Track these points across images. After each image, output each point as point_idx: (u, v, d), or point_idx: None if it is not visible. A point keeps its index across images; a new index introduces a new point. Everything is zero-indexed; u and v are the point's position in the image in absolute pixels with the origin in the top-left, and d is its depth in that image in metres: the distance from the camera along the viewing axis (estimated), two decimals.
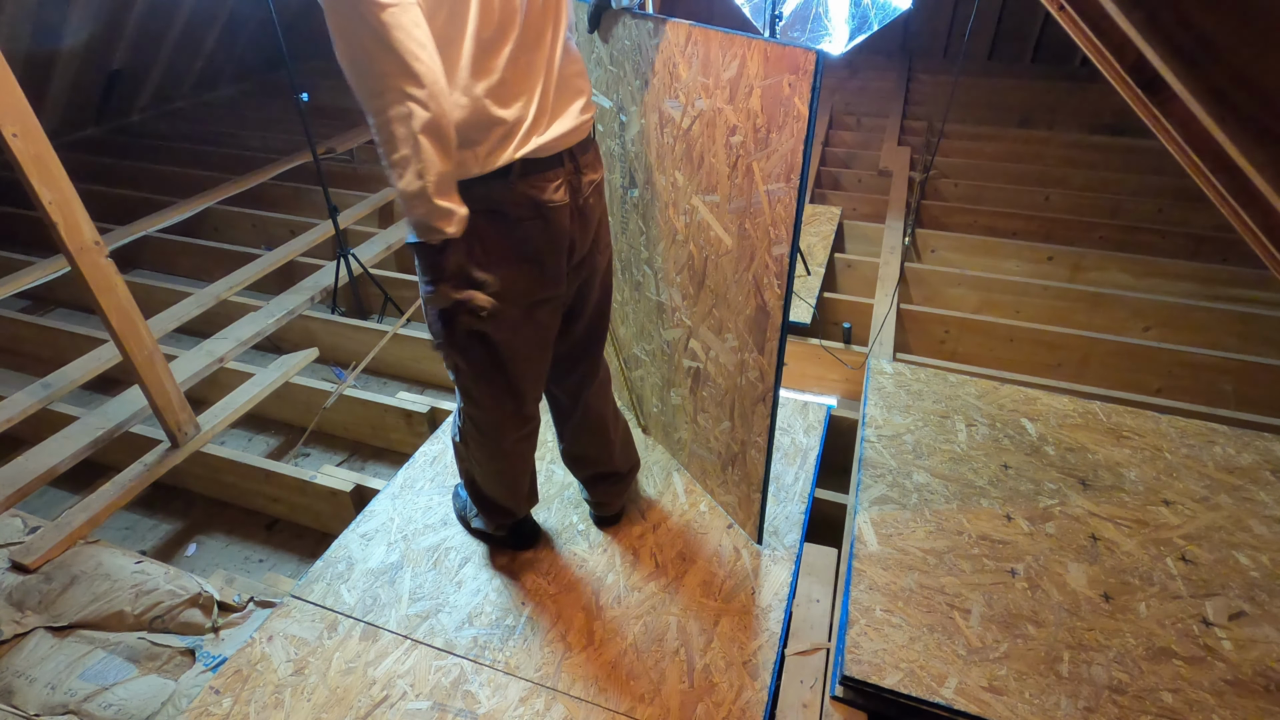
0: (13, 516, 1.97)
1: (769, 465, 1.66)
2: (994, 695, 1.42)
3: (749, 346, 1.56)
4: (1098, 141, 4.57)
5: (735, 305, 1.55)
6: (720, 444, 1.81)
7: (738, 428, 1.71)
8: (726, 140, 1.40)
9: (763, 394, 1.57)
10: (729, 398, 1.70)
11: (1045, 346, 2.74)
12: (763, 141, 1.32)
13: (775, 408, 1.56)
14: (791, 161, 1.28)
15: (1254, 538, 1.77)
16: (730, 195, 1.45)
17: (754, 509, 1.77)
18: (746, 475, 1.75)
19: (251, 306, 2.93)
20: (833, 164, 4.54)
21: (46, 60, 4.26)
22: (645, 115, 1.57)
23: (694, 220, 1.57)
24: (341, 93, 5.78)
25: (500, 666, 1.55)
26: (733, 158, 1.40)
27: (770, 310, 1.46)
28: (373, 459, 2.52)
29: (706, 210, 1.53)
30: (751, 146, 1.35)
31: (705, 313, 1.66)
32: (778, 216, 1.36)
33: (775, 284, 1.42)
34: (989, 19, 6.22)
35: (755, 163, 1.36)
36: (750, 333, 1.54)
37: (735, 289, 1.54)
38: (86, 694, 1.56)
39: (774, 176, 1.33)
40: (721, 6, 6.93)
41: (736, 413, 1.69)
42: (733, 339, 1.61)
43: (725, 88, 1.36)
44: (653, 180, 1.64)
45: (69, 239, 1.78)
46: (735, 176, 1.42)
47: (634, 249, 1.83)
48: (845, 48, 2.83)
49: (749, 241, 1.45)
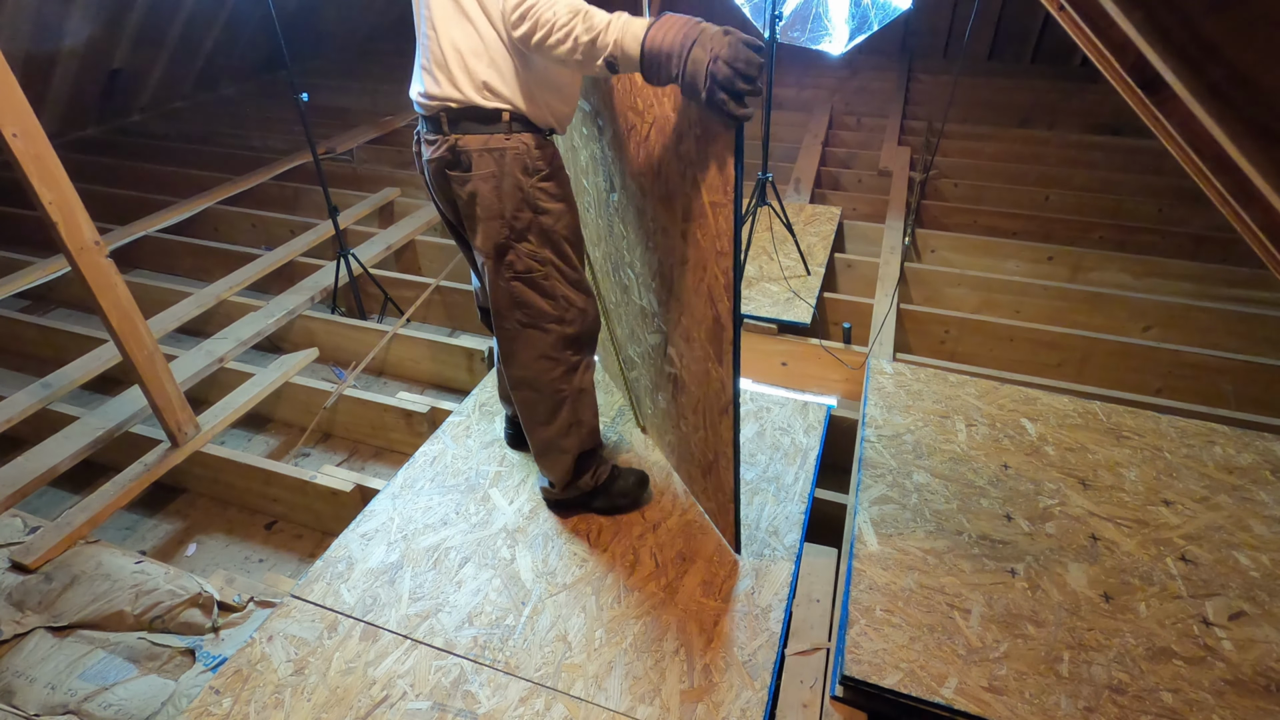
0: (13, 516, 1.97)
1: (738, 477, 1.64)
2: (994, 695, 1.42)
3: (711, 357, 1.55)
4: (1098, 141, 4.57)
5: (698, 315, 1.54)
6: (699, 451, 1.80)
7: (710, 437, 1.70)
8: (676, 149, 1.39)
9: (724, 406, 1.56)
10: (701, 406, 1.69)
11: (1045, 346, 2.74)
12: (703, 152, 1.31)
13: (737, 420, 1.54)
14: (725, 173, 1.27)
15: (1254, 538, 1.77)
16: (683, 205, 1.44)
17: (729, 519, 1.75)
18: (720, 485, 1.74)
19: (251, 306, 2.93)
20: (833, 164, 4.54)
21: (46, 60, 4.26)
22: (616, 120, 1.57)
23: (659, 228, 1.56)
24: (341, 93, 5.79)
25: (500, 666, 1.55)
26: (682, 167, 1.39)
27: (723, 323, 1.44)
28: (373, 459, 2.52)
29: (667, 219, 1.52)
30: (693, 156, 1.34)
31: (676, 320, 1.65)
32: (720, 229, 1.34)
33: (725, 297, 1.40)
34: (989, 19, 6.21)
35: (698, 172, 1.34)
36: (710, 344, 1.53)
37: (695, 299, 1.52)
38: (86, 694, 1.56)
39: (713, 188, 1.32)
40: (722, 6, 6.94)
41: (708, 422, 1.68)
42: (698, 349, 1.59)
43: (671, 94, 1.35)
44: (627, 186, 1.64)
45: (69, 239, 1.78)
46: (685, 185, 1.40)
47: (619, 253, 1.83)
48: (845, 48, 2.84)
49: (702, 253, 1.44)
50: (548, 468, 1.84)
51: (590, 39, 1.25)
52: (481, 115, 1.44)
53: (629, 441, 2.16)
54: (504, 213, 1.50)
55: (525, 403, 1.75)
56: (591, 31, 1.25)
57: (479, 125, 1.45)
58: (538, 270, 1.56)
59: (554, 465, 1.81)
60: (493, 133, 1.44)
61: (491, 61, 1.40)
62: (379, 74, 6.28)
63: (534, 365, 1.67)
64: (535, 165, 1.48)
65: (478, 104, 1.42)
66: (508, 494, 1.99)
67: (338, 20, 6.68)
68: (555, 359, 1.66)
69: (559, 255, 1.57)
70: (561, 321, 1.62)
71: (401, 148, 4.66)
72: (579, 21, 1.25)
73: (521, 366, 1.68)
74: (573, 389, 1.71)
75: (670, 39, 1.20)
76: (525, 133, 1.46)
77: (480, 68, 1.40)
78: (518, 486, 2.01)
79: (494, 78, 1.40)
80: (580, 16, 1.26)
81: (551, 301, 1.60)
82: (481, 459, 2.10)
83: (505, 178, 1.47)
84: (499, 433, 2.19)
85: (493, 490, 2.00)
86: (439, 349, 2.79)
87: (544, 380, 1.68)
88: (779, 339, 2.67)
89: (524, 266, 1.55)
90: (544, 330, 1.63)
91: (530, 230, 1.52)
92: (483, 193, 1.48)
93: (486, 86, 1.41)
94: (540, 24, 1.27)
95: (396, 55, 6.94)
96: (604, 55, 1.26)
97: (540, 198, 1.50)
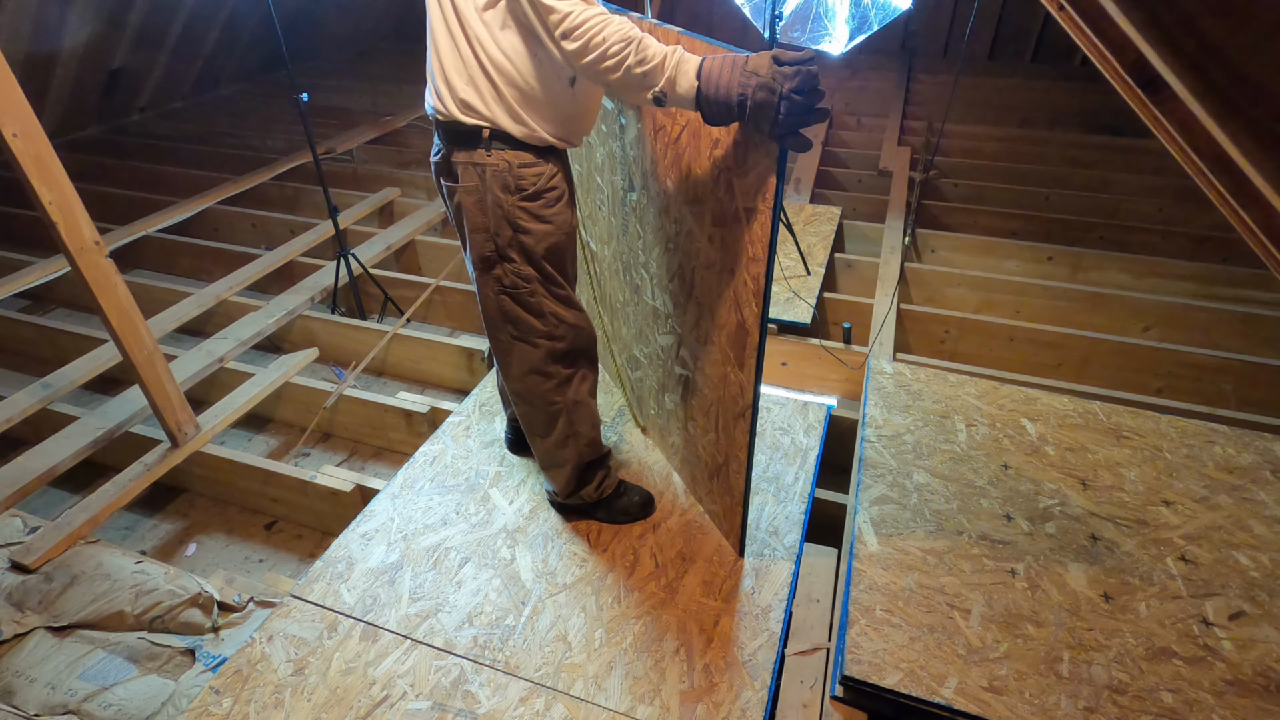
0: (13, 516, 1.97)
1: (749, 481, 1.64)
2: (994, 695, 1.42)
3: (730, 361, 1.55)
4: (1098, 141, 4.57)
5: (719, 319, 1.54)
6: (707, 454, 1.80)
7: (721, 440, 1.70)
8: (710, 152, 1.39)
9: (742, 410, 1.56)
10: (714, 409, 1.68)
11: (1045, 346, 2.74)
12: (741, 158, 1.31)
13: (754, 425, 1.54)
14: (766, 181, 1.27)
15: (1254, 538, 1.77)
16: (713, 209, 1.44)
17: (735, 522, 1.75)
18: (729, 488, 1.74)
19: (251, 306, 2.93)
20: (833, 164, 4.54)
21: (46, 60, 4.27)
22: (642, 119, 1.57)
23: (683, 230, 1.56)
24: (341, 93, 5.79)
25: (500, 666, 1.55)
26: (715, 171, 1.39)
27: (749, 329, 1.44)
28: (373, 459, 2.52)
29: (693, 221, 1.51)
30: (731, 162, 1.34)
31: (693, 323, 1.65)
32: (754, 235, 1.34)
33: (753, 302, 1.40)
34: (989, 19, 6.22)
35: (735, 178, 1.34)
36: (731, 348, 1.53)
37: (718, 303, 1.52)
38: (86, 694, 1.56)
39: (750, 194, 1.32)
40: (722, 6, 6.94)
41: (720, 425, 1.68)
42: (716, 352, 1.59)
43: None
44: (648, 185, 1.63)
45: (69, 239, 1.78)
46: (718, 190, 1.40)
47: (633, 252, 1.83)
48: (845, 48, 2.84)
49: (730, 257, 1.43)
50: (550, 477, 1.84)
51: (642, 73, 1.23)
52: (464, 131, 1.44)
53: (629, 441, 2.16)
54: (488, 227, 1.50)
55: (523, 415, 1.75)
56: (644, 65, 1.23)
57: (463, 140, 1.46)
58: (523, 287, 1.55)
59: (556, 475, 1.82)
60: (474, 148, 1.45)
61: (470, 80, 1.39)
62: (379, 74, 6.28)
63: (526, 379, 1.67)
64: (516, 184, 1.46)
65: (459, 120, 1.43)
66: (508, 494, 1.99)
67: (338, 20, 6.68)
68: (546, 373, 1.66)
69: (542, 274, 1.56)
70: (551, 337, 1.61)
71: (401, 148, 4.66)
72: (632, 52, 1.23)
73: (515, 379, 1.69)
74: (567, 401, 1.70)
75: (726, 81, 1.18)
76: (508, 150, 1.44)
77: (460, 85, 1.40)
78: (518, 486, 2.01)
79: (472, 96, 1.40)
80: (634, 46, 1.23)
81: (540, 318, 1.59)
82: (481, 459, 2.10)
83: (487, 193, 1.47)
84: (499, 433, 2.19)
85: (493, 490, 2.00)
86: (439, 349, 2.79)
87: (537, 393, 1.68)
88: (779, 339, 2.68)
89: (510, 282, 1.55)
90: (534, 345, 1.62)
91: (512, 247, 1.51)
92: (467, 205, 1.49)
93: (465, 105, 1.41)
94: (591, 46, 1.24)
95: (396, 55, 6.94)
96: (654, 91, 1.25)
97: (520, 216, 1.48)
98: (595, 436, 1.80)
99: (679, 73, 1.22)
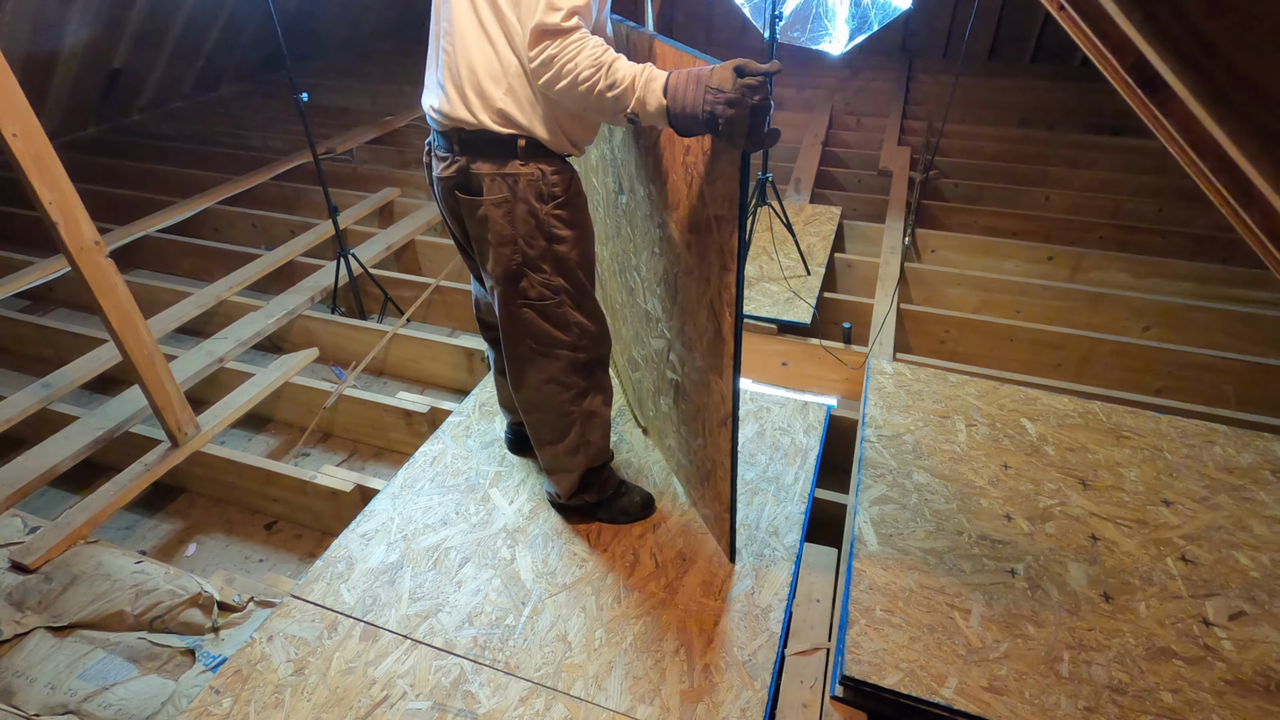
0: (13, 516, 1.97)
1: (734, 488, 1.64)
2: (994, 695, 1.42)
3: (712, 368, 1.54)
4: (1098, 141, 4.57)
5: (700, 325, 1.53)
6: (697, 458, 1.80)
7: (709, 446, 1.69)
8: (683, 159, 1.38)
9: (724, 418, 1.55)
10: (701, 415, 1.68)
11: (1045, 346, 2.74)
12: (710, 166, 1.30)
13: (735, 434, 1.53)
14: (730, 189, 1.25)
15: (1254, 538, 1.77)
16: (689, 215, 1.42)
17: (725, 527, 1.75)
18: (718, 494, 1.73)
19: (251, 306, 2.93)
20: (833, 164, 4.54)
21: (46, 60, 4.26)
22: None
23: (665, 235, 1.55)
24: (341, 93, 5.79)
25: (500, 666, 1.55)
26: (689, 177, 1.38)
27: (724, 336, 1.43)
28: (373, 459, 2.52)
29: (673, 227, 1.50)
30: (701, 169, 1.33)
31: (679, 329, 1.64)
32: (724, 243, 1.33)
33: (727, 311, 1.39)
34: (989, 19, 6.22)
35: (705, 185, 1.33)
36: (711, 355, 1.52)
37: (698, 309, 1.51)
38: (86, 694, 1.56)
39: (719, 201, 1.30)
40: (722, 6, 6.94)
41: (706, 431, 1.67)
42: (700, 358, 1.58)
43: None
44: (635, 189, 1.63)
45: (69, 239, 1.78)
46: (691, 196, 1.39)
47: (625, 254, 1.82)
48: (845, 48, 2.84)
49: (705, 265, 1.42)
50: (554, 481, 1.84)
51: (613, 97, 1.23)
52: (496, 141, 1.38)
53: (629, 441, 2.16)
54: (517, 239, 1.45)
55: (533, 424, 1.73)
56: (614, 89, 1.22)
57: (493, 150, 1.40)
58: (550, 299, 1.52)
59: (560, 479, 1.81)
60: (506, 159, 1.40)
61: (510, 89, 1.34)
62: (379, 74, 6.28)
63: (544, 389, 1.64)
64: (550, 191, 1.42)
65: (492, 130, 1.37)
66: (508, 494, 1.99)
67: (338, 20, 6.69)
68: (565, 384, 1.64)
69: (572, 283, 1.53)
70: (574, 348, 1.60)
71: (401, 148, 4.66)
72: (601, 77, 1.22)
73: (531, 389, 1.66)
74: (582, 411, 1.69)
75: (691, 99, 1.17)
76: (541, 159, 1.41)
77: (497, 94, 1.35)
78: (518, 486, 2.01)
79: (510, 106, 1.35)
80: (603, 71, 1.22)
81: (564, 330, 1.57)
82: (481, 459, 2.10)
83: (518, 204, 1.42)
84: (499, 433, 2.19)
85: (493, 490, 2.00)
86: (439, 349, 2.79)
87: (553, 404, 1.66)
88: (779, 339, 2.67)
89: (536, 294, 1.51)
90: (554, 357, 1.60)
91: (544, 259, 1.48)
92: (494, 218, 1.44)
93: (502, 114, 1.36)
94: (562, 74, 1.23)
95: (396, 55, 6.94)
96: (625, 112, 1.24)
97: (555, 225, 1.45)
98: (605, 445, 1.79)
99: (647, 92, 1.21)
